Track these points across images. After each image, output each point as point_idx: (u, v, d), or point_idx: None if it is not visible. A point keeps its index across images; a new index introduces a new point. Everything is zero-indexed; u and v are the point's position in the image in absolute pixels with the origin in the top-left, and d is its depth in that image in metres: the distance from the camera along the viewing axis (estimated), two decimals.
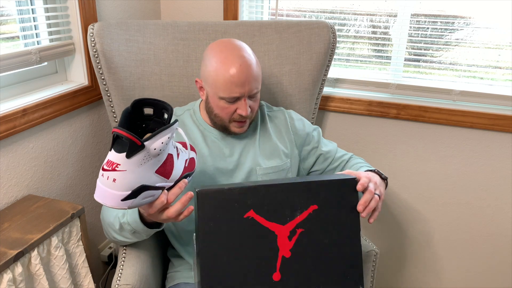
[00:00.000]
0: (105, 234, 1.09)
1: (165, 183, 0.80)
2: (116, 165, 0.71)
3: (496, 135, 1.51)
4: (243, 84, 1.03)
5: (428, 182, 1.64)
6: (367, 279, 1.17)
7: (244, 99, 1.06)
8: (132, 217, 0.95)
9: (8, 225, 1.08)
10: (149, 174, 0.74)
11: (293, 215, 0.88)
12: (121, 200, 0.73)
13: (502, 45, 1.48)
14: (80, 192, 1.45)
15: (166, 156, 0.78)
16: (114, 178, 0.71)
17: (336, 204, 0.89)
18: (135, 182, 0.73)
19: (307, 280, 0.88)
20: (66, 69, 1.41)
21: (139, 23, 1.33)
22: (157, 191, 0.78)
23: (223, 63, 1.03)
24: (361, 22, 1.61)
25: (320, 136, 1.28)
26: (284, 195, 0.87)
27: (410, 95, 1.60)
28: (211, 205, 0.84)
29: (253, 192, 0.86)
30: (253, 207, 0.86)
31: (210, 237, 0.85)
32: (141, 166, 0.72)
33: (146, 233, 0.98)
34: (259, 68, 1.09)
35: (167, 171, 0.79)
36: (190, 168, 0.88)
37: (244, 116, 1.07)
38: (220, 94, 1.05)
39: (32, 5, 1.26)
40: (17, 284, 0.99)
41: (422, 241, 1.73)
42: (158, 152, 0.74)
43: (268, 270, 0.86)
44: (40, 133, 1.26)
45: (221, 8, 1.66)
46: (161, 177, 0.78)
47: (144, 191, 0.75)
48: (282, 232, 0.87)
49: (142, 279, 1.03)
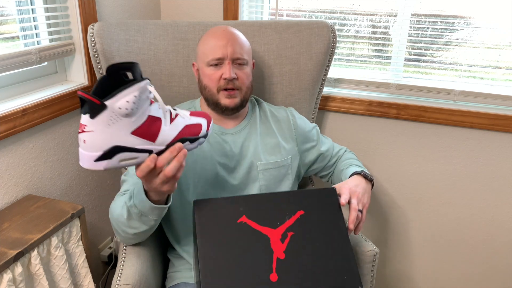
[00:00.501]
0: (116, 233, 1.08)
1: (151, 146, 0.78)
2: (84, 126, 0.72)
3: (496, 135, 1.51)
4: (225, 45, 1.11)
5: (428, 182, 1.64)
6: (367, 279, 1.17)
7: (228, 62, 1.11)
8: (138, 198, 0.94)
9: (8, 225, 1.08)
10: (123, 135, 0.74)
11: (283, 220, 0.94)
12: (94, 161, 0.73)
13: (502, 45, 1.48)
14: (80, 192, 1.45)
15: (147, 118, 0.76)
16: (84, 139, 0.72)
17: (320, 208, 0.97)
18: (106, 143, 0.73)
19: (305, 280, 0.89)
20: (66, 69, 1.41)
21: (139, 23, 1.33)
22: (139, 153, 0.77)
23: (209, 33, 1.16)
24: (361, 22, 1.61)
25: (319, 134, 1.32)
26: (272, 203, 0.96)
27: (410, 95, 1.60)
28: (207, 212, 0.92)
29: (244, 201, 0.96)
30: (245, 213, 0.93)
31: (208, 241, 0.89)
32: (109, 126, 0.72)
33: (153, 213, 0.95)
34: (246, 40, 1.17)
35: (150, 133, 0.77)
36: (190, 133, 0.85)
37: (228, 79, 1.10)
38: (206, 59, 1.12)
39: (32, 5, 1.26)
40: (17, 284, 0.99)
41: (422, 241, 1.73)
42: (127, 112, 0.72)
43: (265, 271, 0.88)
44: (40, 133, 1.26)
45: (221, 8, 1.66)
46: (141, 139, 0.76)
47: (120, 152, 0.74)
48: (274, 235, 0.92)
49: (142, 279, 1.03)
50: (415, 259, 1.77)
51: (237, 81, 1.12)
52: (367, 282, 1.17)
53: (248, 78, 1.16)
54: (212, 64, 1.12)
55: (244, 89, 1.15)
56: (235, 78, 1.11)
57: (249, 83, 1.16)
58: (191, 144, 0.86)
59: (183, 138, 0.84)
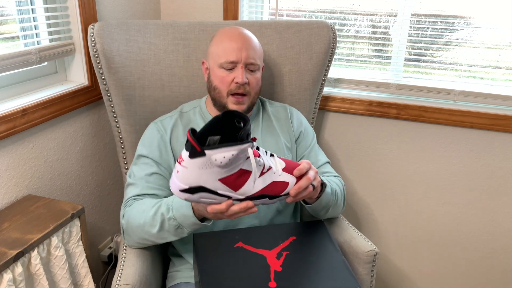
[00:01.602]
0: (125, 238, 1.09)
1: (231, 194, 0.84)
2: (182, 160, 0.80)
3: (496, 135, 1.51)
4: (240, 49, 1.10)
5: (428, 182, 1.64)
6: (367, 279, 1.17)
7: (241, 66, 1.10)
8: (179, 211, 0.96)
9: (8, 225, 1.08)
10: (210, 179, 0.81)
11: (277, 243, 1.01)
12: (179, 190, 0.81)
13: (502, 45, 1.48)
14: (80, 192, 1.45)
15: (238, 170, 0.82)
16: (178, 170, 0.81)
17: (310, 234, 1.06)
18: (194, 181, 0.80)
19: (303, 285, 0.90)
20: (66, 69, 1.41)
21: (139, 23, 1.33)
22: (219, 197, 0.84)
23: (224, 34, 1.14)
24: (361, 22, 1.61)
25: (315, 142, 1.29)
26: (266, 232, 1.05)
27: (410, 95, 1.60)
28: (205, 241, 1.01)
29: (239, 232, 1.04)
30: (241, 240, 1.01)
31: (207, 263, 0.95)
32: (202, 169, 0.79)
33: (192, 227, 0.97)
34: (259, 44, 1.16)
35: (235, 184, 0.83)
36: (273, 191, 0.89)
37: (240, 83, 1.09)
38: (219, 60, 1.11)
39: (32, 5, 1.26)
40: (17, 284, 0.99)
41: (422, 241, 1.73)
42: (221, 165, 0.78)
43: (263, 280, 0.91)
44: (40, 133, 1.26)
45: (221, 8, 1.66)
46: (225, 187, 0.83)
47: (202, 192, 0.81)
48: (270, 255, 0.98)
49: (142, 279, 1.03)
50: (415, 259, 1.77)
51: (248, 86, 1.12)
52: (367, 282, 1.17)
53: (258, 84, 1.15)
54: (225, 67, 1.11)
55: (253, 94, 1.14)
56: (246, 83, 1.11)
57: (258, 88, 1.16)
58: (270, 200, 0.89)
59: (265, 194, 0.88)
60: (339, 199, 1.17)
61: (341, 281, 0.92)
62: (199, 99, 1.27)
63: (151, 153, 1.13)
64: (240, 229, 1.06)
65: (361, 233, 1.33)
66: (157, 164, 1.12)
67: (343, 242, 1.20)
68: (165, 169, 1.13)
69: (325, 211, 1.15)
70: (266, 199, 0.88)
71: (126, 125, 1.31)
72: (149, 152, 1.13)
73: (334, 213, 1.20)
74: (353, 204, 1.78)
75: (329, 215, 1.20)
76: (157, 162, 1.12)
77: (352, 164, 1.71)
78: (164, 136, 1.15)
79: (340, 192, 1.18)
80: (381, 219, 1.75)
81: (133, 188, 1.10)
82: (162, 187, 1.11)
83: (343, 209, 1.23)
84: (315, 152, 1.26)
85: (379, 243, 1.79)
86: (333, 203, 1.14)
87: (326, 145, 1.72)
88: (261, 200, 0.88)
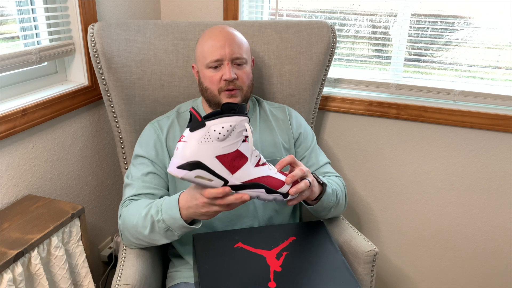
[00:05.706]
0: (123, 238, 1.09)
1: (228, 176, 0.84)
2: (182, 136, 0.83)
3: (496, 135, 1.51)
4: (223, 46, 1.10)
5: (428, 182, 1.64)
6: (367, 279, 1.17)
7: (226, 63, 1.11)
8: (168, 214, 0.95)
9: (8, 225, 1.08)
10: (208, 155, 0.82)
11: (276, 244, 1.02)
12: (176, 167, 0.81)
13: (502, 45, 1.48)
14: (80, 192, 1.45)
15: (234, 151, 0.83)
16: (177, 147, 0.82)
17: (310, 235, 1.06)
18: (192, 155, 0.81)
19: (302, 286, 0.91)
20: (66, 69, 1.41)
21: (139, 23, 1.33)
22: (215, 177, 0.83)
23: (206, 35, 1.15)
24: (361, 22, 1.61)
25: (315, 142, 1.29)
26: (265, 233, 1.05)
27: (410, 95, 1.60)
28: (205, 242, 1.01)
29: (239, 232, 1.05)
30: (241, 240, 1.02)
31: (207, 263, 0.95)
32: (201, 143, 0.81)
33: (181, 230, 0.97)
34: (243, 39, 1.16)
35: (232, 165, 0.84)
36: (269, 183, 0.88)
37: (228, 80, 1.10)
38: (205, 61, 1.12)
39: (32, 5, 1.26)
40: (17, 284, 0.99)
41: (422, 241, 1.73)
42: (219, 136, 0.81)
43: (263, 280, 0.91)
44: (40, 133, 1.26)
45: (221, 8, 1.66)
46: (222, 166, 0.83)
47: (199, 168, 0.81)
48: (269, 255, 0.98)
49: (142, 279, 1.03)
50: (415, 259, 1.77)
51: (238, 81, 1.12)
52: (367, 282, 1.17)
53: (248, 77, 1.16)
54: (211, 66, 1.12)
55: (245, 88, 1.15)
56: (235, 78, 1.11)
57: (250, 81, 1.17)
58: (267, 194, 0.89)
59: (261, 184, 0.88)
60: (341, 199, 1.17)
61: (341, 282, 0.92)
62: (195, 99, 1.27)
63: (147, 153, 1.13)
64: (239, 230, 1.06)
65: (361, 233, 1.33)
66: (153, 164, 1.13)
67: (343, 242, 1.20)
68: (161, 168, 1.13)
69: (327, 211, 1.15)
70: (262, 191, 0.88)
71: (126, 125, 1.31)
72: (145, 152, 1.14)
73: (336, 213, 1.20)
74: (353, 204, 1.78)
75: (332, 215, 1.20)
76: (153, 162, 1.13)
77: (352, 164, 1.71)
78: (160, 136, 1.15)
79: (341, 192, 1.18)
80: (381, 219, 1.75)
81: (130, 189, 1.10)
82: (158, 186, 1.11)
83: (345, 209, 1.24)
84: (316, 153, 1.26)
85: (379, 243, 1.79)
86: (335, 203, 1.14)
87: (326, 145, 1.72)
88: (257, 190, 0.87)
